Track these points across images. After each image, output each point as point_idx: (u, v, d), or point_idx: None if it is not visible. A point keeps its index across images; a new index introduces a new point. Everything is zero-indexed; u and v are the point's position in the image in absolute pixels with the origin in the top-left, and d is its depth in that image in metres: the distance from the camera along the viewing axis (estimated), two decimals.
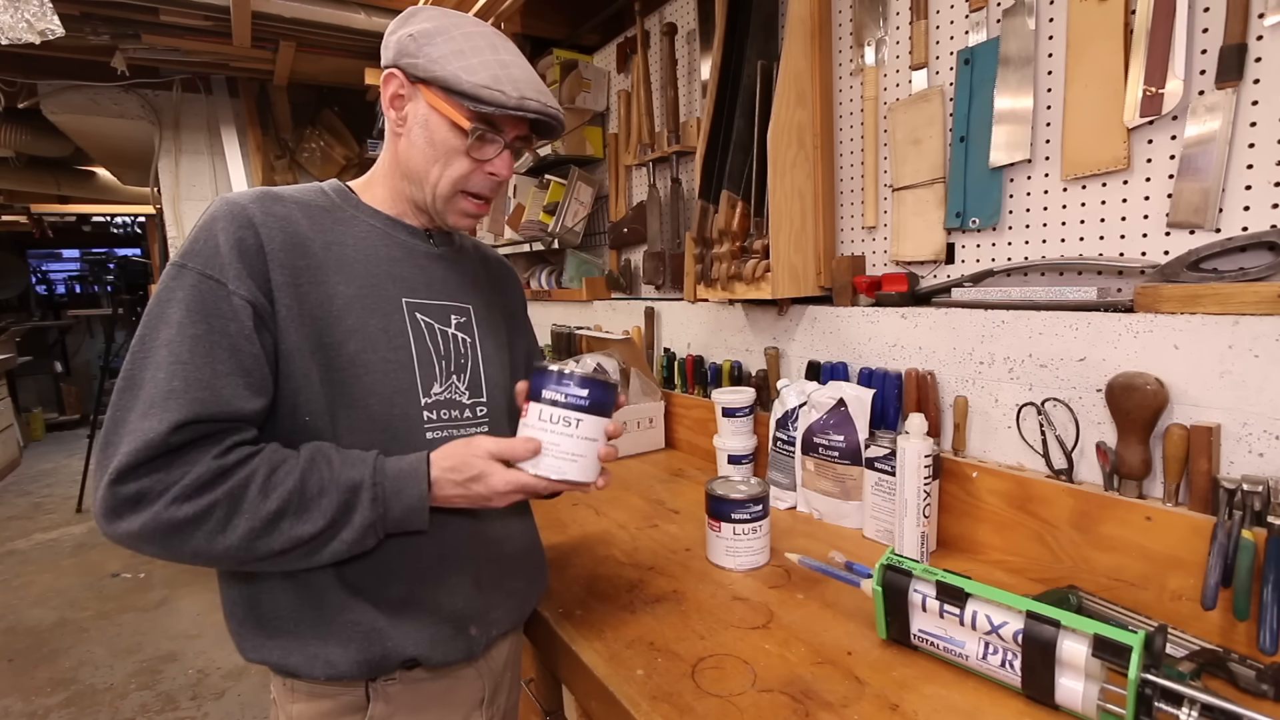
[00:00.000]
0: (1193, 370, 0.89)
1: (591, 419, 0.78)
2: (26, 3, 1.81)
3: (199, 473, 0.65)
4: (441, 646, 0.80)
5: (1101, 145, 0.98)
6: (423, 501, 0.74)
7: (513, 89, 0.77)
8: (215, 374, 0.68)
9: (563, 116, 0.83)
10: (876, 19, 1.31)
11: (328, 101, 3.46)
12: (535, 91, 0.79)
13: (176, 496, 0.64)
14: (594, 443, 0.79)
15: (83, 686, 2.59)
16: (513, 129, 0.82)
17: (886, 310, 1.30)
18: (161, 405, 0.65)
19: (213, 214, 0.73)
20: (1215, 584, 0.81)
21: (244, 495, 0.67)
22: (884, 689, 0.78)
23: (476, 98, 0.76)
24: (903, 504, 1.09)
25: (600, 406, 0.79)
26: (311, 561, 0.72)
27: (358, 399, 0.76)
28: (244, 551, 0.67)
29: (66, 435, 7.02)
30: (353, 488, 0.71)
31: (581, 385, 0.78)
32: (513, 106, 0.77)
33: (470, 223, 0.87)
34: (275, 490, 0.68)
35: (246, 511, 0.67)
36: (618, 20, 2.20)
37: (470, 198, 0.84)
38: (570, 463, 0.78)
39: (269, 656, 0.76)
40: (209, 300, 0.69)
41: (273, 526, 0.68)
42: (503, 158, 0.83)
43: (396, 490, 0.73)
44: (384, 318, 0.79)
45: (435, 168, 0.81)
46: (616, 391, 0.82)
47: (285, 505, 0.68)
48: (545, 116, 0.81)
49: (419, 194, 0.84)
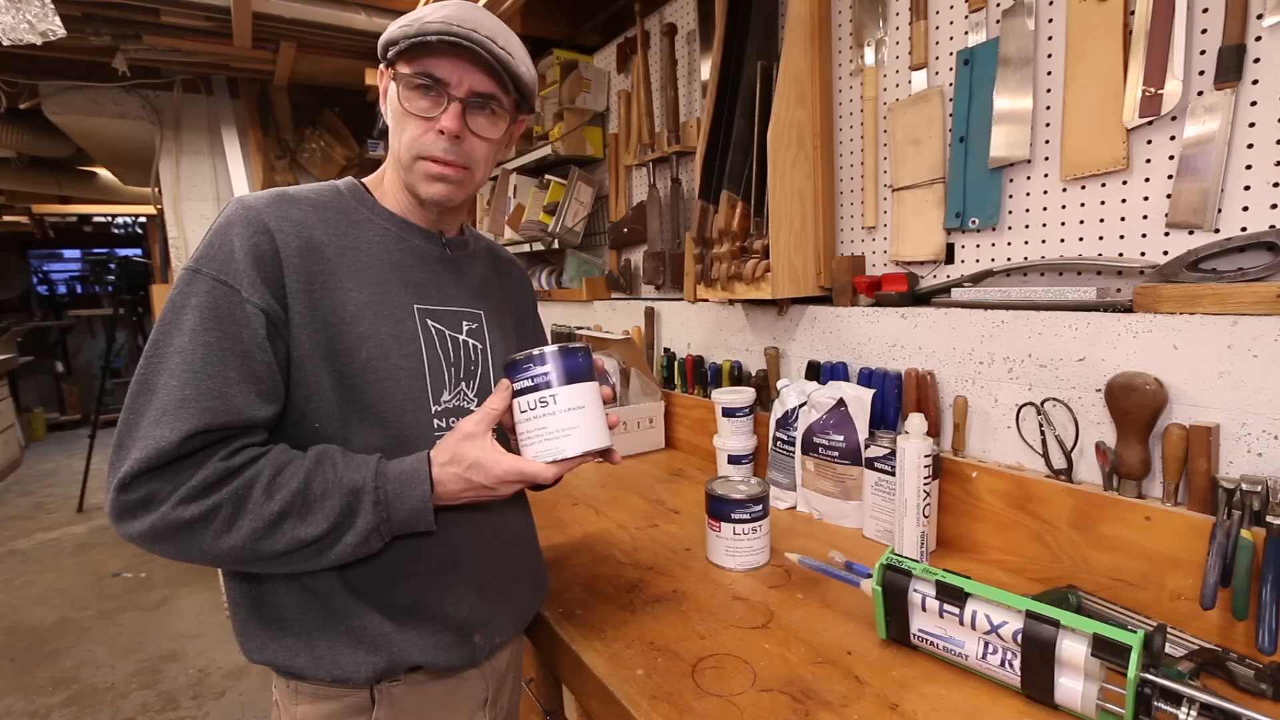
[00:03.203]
0: (1192, 370, 0.89)
1: (568, 389, 0.76)
2: (28, 3, 1.82)
3: (205, 474, 0.66)
4: (447, 653, 0.80)
5: (1101, 146, 0.99)
6: (426, 502, 0.73)
7: (415, 23, 0.74)
8: (227, 382, 0.68)
9: (490, 44, 0.75)
10: (876, 19, 1.31)
11: (328, 102, 3.47)
12: (443, 16, 0.73)
13: (183, 497, 0.65)
14: (582, 410, 0.76)
15: (84, 686, 2.60)
16: (455, 74, 0.76)
17: (886, 310, 1.30)
18: (174, 414, 0.65)
19: (228, 218, 0.73)
20: (1214, 583, 0.81)
21: (249, 496, 0.67)
22: (884, 688, 0.78)
23: (391, 43, 0.76)
24: (902, 504, 1.09)
25: (573, 373, 0.76)
26: (317, 563, 0.72)
27: (369, 406, 0.76)
28: (248, 552, 0.68)
29: (68, 435, 7.03)
30: (354, 491, 0.71)
31: (542, 362, 0.76)
32: (413, 34, 0.73)
33: (440, 189, 0.80)
34: (279, 491, 0.68)
35: (250, 512, 0.67)
36: (618, 20, 2.20)
37: (428, 160, 0.79)
38: (565, 438, 0.75)
39: (274, 658, 0.76)
40: (222, 307, 0.69)
41: (275, 528, 0.68)
42: (450, 112, 0.76)
43: (399, 493, 0.72)
44: (396, 324, 0.79)
45: (397, 139, 0.80)
46: (586, 353, 0.79)
47: (288, 507, 0.68)
48: (451, 36, 0.72)
49: (399, 176, 0.83)
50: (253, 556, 0.68)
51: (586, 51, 2.33)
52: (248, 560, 0.69)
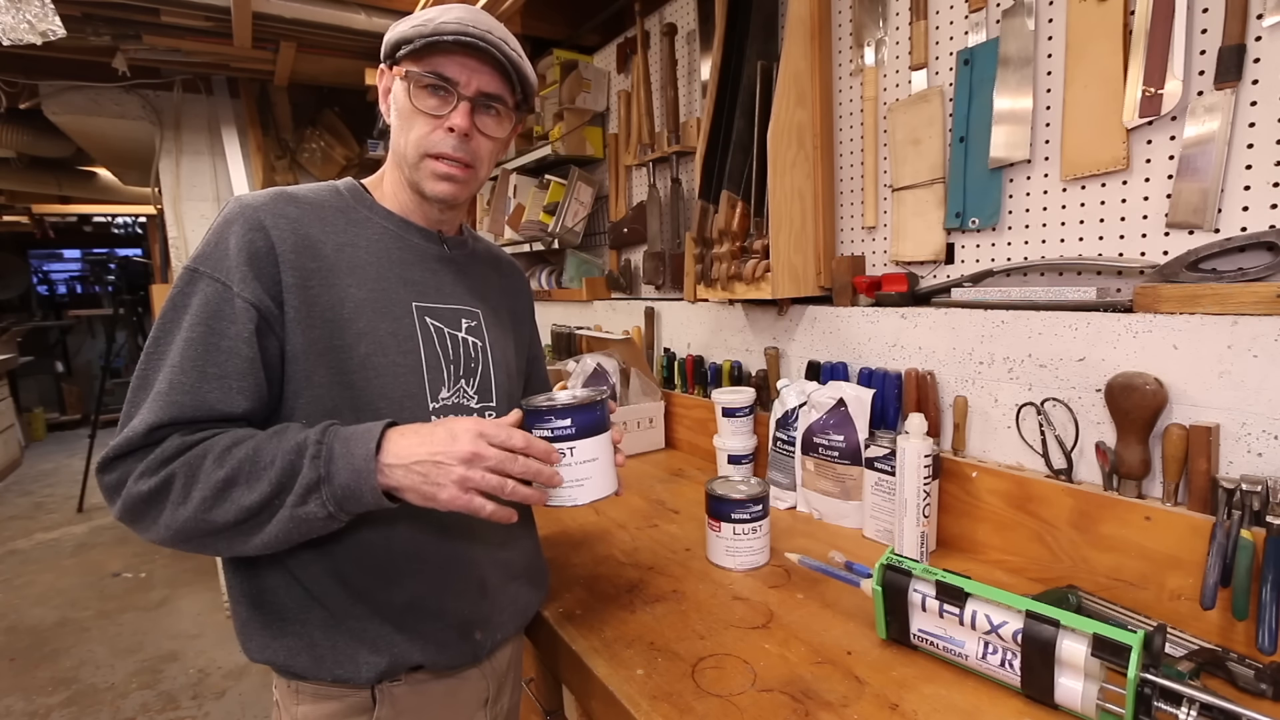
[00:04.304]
0: (1192, 370, 0.89)
1: (585, 442, 0.78)
2: (28, 3, 1.82)
3: (163, 449, 0.67)
4: (448, 651, 0.80)
5: (1101, 146, 0.99)
6: (369, 461, 0.65)
7: (431, 25, 0.75)
8: (204, 377, 0.69)
9: (502, 44, 0.77)
10: (876, 19, 1.31)
11: (328, 102, 3.47)
12: (460, 23, 0.75)
13: (141, 472, 0.66)
14: (595, 462, 0.79)
15: (84, 686, 2.60)
16: (463, 75, 0.77)
17: (886, 310, 1.30)
18: (149, 407, 0.68)
19: (226, 217, 0.74)
20: (1214, 583, 0.81)
21: (200, 465, 0.66)
22: (884, 688, 0.78)
23: (402, 41, 0.77)
24: (902, 504, 1.09)
25: (590, 428, 0.79)
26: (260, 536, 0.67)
27: (368, 402, 0.76)
28: (201, 523, 0.65)
29: (68, 435, 7.03)
30: (298, 447, 0.67)
31: (564, 415, 0.77)
32: (428, 34, 0.75)
33: (447, 187, 0.81)
34: (229, 460, 0.66)
35: (201, 481, 0.65)
36: (618, 20, 2.20)
37: (436, 159, 0.79)
38: (578, 488, 0.78)
39: (274, 657, 0.76)
40: (214, 303, 0.70)
41: (224, 495, 0.65)
42: (459, 110, 0.78)
43: (344, 451, 0.66)
44: (394, 321, 0.79)
45: (403, 137, 0.80)
46: (604, 405, 0.81)
47: (236, 474, 0.66)
48: (465, 37, 0.74)
49: (403, 174, 0.83)
50: (207, 529, 0.66)
51: (586, 51, 2.33)
52: (203, 534, 0.66)
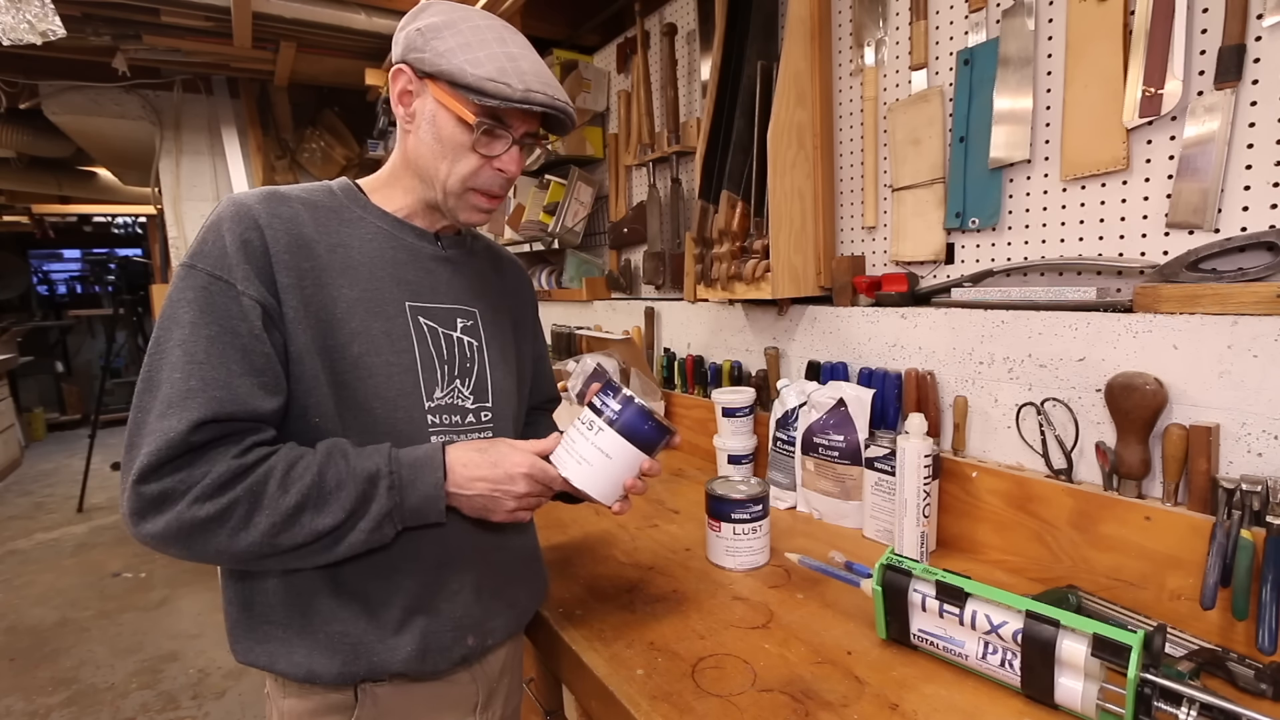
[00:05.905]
0: (1192, 370, 0.89)
1: (612, 435, 0.78)
2: (28, 4, 1.82)
3: (219, 472, 0.66)
4: (434, 657, 0.80)
5: (1101, 146, 0.99)
6: (439, 489, 0.74)
7: (519, 82, 0.75)
8: (231, 374, 0.68)
9: (572, 110, 0.81)
10: (876, 19, 1.31)
11: (328, 102, 3.47)
12: (542, 84, 0.77)
13: (198, 496, 0.65)
14: (608, 460, 0.78)
15: (84, 686, 2.60)
16: (521, 123, 0.80)
17: (886, 310, 1.30)
18: (180, 405, 0.66)
19: (219, 214, 0.73)
20: (1214, 583, 0.81)
21: (264, 491, 0.68)
22: (884, 688, 0.78)
23: (481, 91, 0.74)
24: (902, 504, 1.09)
25: (630, 430, 0.78)
26: (331, 555, 0.72)
27: (362, 402, 0.76)
28: (266, 547, 0.68)
29: (68, 435, 7.03)
30: (370, 478, 0.72)
31: (618, 400, 0.78)
32: (518, 100, 0.75)
33: (483, 218, 0.86)
34: (294, 485, 0.69)
35: (267, 507, 0.67)
36: (618, 20, 2.20)
37: (480, 194, 0.83)
38: (578, 465, 0.78)
39: (257, 660, 0.77)
40: (218, 301, 0.70)
41: (293, 520, 0.68)
42: (511, 154, 0.81)
43: (413, 479, 0.73)
44: (387, 321, 0.79)
45: (444, 164, 0.80)
46: (659, 429, 0.80)
47: (305, 499, 0.69)
48: (553, 110, 0.78)
49: (429, 192, 0.83)
50: (270, 551, 0.69)
51: (586, 51, 2.33)
52: (264, 556, 0.69)
